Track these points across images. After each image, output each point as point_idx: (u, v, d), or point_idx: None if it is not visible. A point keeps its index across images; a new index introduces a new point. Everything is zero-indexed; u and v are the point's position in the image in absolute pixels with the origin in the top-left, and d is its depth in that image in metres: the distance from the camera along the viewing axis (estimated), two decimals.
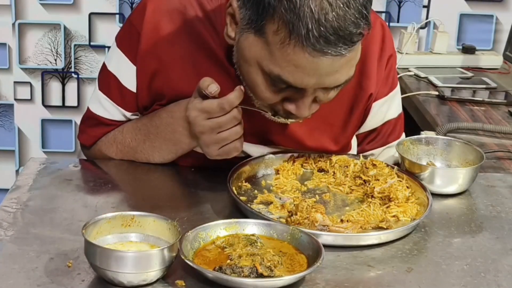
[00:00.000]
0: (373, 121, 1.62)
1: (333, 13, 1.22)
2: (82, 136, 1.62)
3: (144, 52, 1.50)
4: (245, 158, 1.50)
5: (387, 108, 1.62)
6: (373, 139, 1.64)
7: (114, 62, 1.55)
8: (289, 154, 1.53)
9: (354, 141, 1.64)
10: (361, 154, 1.53)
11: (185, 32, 1.49)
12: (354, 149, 1.63)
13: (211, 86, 1.34)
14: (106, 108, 1.57)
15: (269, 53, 1.27)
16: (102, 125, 1.58)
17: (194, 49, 1.49)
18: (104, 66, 1.57)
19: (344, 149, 1.60)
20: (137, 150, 1.53)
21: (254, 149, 1.53)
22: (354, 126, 1.60)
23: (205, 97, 1.36)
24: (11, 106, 3.04)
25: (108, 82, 1.56)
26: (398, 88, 1.65)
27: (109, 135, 1.57)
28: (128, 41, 1.52)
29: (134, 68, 1.52)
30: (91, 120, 1.60)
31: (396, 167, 1.47)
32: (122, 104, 1.55)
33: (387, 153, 1.63)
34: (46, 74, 3.03)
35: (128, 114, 1.56)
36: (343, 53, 1.25)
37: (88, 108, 1.61)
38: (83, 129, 1.62)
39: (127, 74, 1.53)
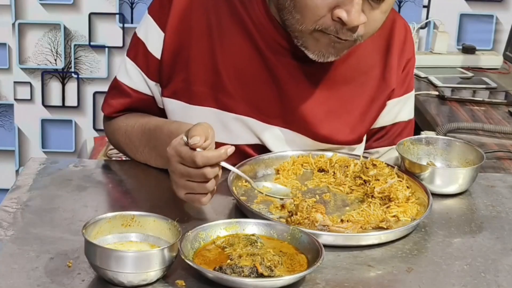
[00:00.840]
0: (384, 119, 1.64)
1: None
2: (104, 106, 1.64)
3: (174, 20, 1.53)
4: (247, 157, 1.51)
5: (399, 110, 1.64)
6: (381, 137, 1.66)
7: (143, 29, 1.58)
8: (289, 154, 1.53)
9: (364, 137, 1.65)
10: (361, 154, 1.53)
11: (217, 2, 1.53)
12: (363, 145, 1.65)
13: (195, 137, 1.27)
14: (131, 76, 1.58)
15: None
16: (124, 95, 1.59)
17: (224, 20, 1.52)
18: (134, 33, 1.60)
19: (358, 140, 1.61)
20: (138, 150, 1.54)
21: (259, 127, 1.55)
22: (372, 118, 1.61)
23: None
24: (11, 106, 3.04)
25: (136, 48, 1.58)
26: (413, 93, 1.67)
27: (124, 123, 1.59)
28: (159, 8, 1.56)
29: (162, 35, 1.54)
30: (114, 90, 1.62)
31: (396, 167, 1.47)
32: (146, 71, 1.56)
33: (391, 153, 1.64)
34: (46, 74, 3.03)
35: (152, 84, 1.57)
36: None
37: (115, 77, 1.63)
38: (106, 99, 1.64)
39: (154, 40, 1.55)
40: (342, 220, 1.31)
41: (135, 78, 1.58)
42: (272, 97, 1.54)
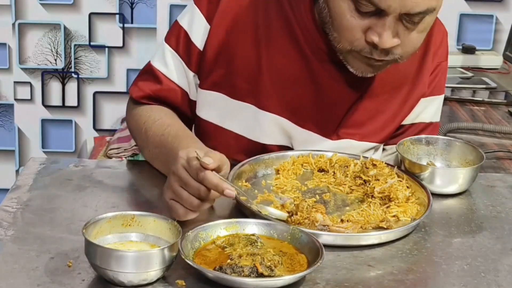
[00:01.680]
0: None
1: None
2: (133, 88, 1.62)
3: (222, 14, 1.54)
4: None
5: (421, 110, 1.64)
6: (398, 135, 1.64)
7: (187, 18, 1.57)
8: (289, 154, 1.53)
9: None
10: (361, 154, 1.53)
11: (267, 1, 1.53)
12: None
13: (208, 159, 1.25)
14: (167, 64, 1.58)
15: None
16: (155, 81, 1.59)
17: (272, 19, 1.53)
18: (175, 22, 1.60)
19: (384, 140, 1.62)
20: (148, 147, 1.53)
21: (292, 129, 1.56)
22: (401, 118, 1.62)
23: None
24: (11, 106, 3.04)
25: (177, 36, 1.58)
26: (440, 98, 1.67)
27: (147, 114, 1.57)
28: (207, 1, 1.56)
29: (208, 27, 1.55)
30: (146, 74, 1.61)
31: (396, 167, 1.47)
32: (187, 61, 1.57)
33: None
34: (46, 74, 3.03)
35: (190, 74, 1.57)
36: None
37: (149, 61, 1.62)
38: (136, 82, 1.63)
39: (198, 31, 1.56)
40: (342, 220, 1.31)
41: (171, 66, 1.58)
42: (309, 101, 1.55)
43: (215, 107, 1.57)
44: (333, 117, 1.57)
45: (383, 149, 1.67)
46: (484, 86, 2.50)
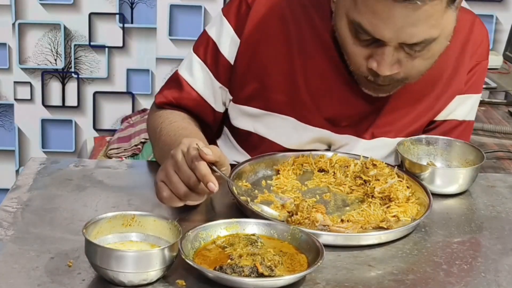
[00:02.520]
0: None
1: None
2: (157, 95, 1.64)
3: (251, 27, 1.54)
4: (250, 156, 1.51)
5: (455, 107, 1.62)
6: (429, 130, 1.64)
7: (216, 29, 1.58)
8: (290, 154, 1.53)
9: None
10: (361, 154, 1.53)
11: (294, 12, 1.53)
12: None
13: (208, 150, 1.26)
14: (193, 73, 1.58)
15: (354, 1, 1.36)
16: (178, 88, 1.59)
17: (303, 30, 1.53)
18: (204, 31, 1.61)
19: (416, 132, 1.62)
20: (158, 145, 1.54)
21: (331, 137, 1.58)
22: (435, 113, 1.62)
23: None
24: (11, 106, 3.05)
25: (206, 47, 1.58)
26: (477, 96, 1.66)
27: (166, 115, 1.57)
28: (236, 13, 1.56)
29: (238, 41, 1.55)
30: (172, 82, 1.62)
31: (396, 167, 1.47)
32: (215, 71, 1.57)
33: None
34: (46, 74, 3.03)
35: (217, 85, 1.58)
36: (418, 2, 1.29)
37: (176, 70, 1.63)
38: (162, 89, 1.64)
39: (227, 43, 1.56)
40: (342, 220, 1.31)
41: (197, 75, 1.58)
42: (345, 108, 1.55)
43: (251, 119, 1.59)
44: (367, 116, 1.57)
45: None
46: (484, 86, 2.49)
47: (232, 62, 1.56)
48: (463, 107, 1.63)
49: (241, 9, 1.55)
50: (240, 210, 1.35)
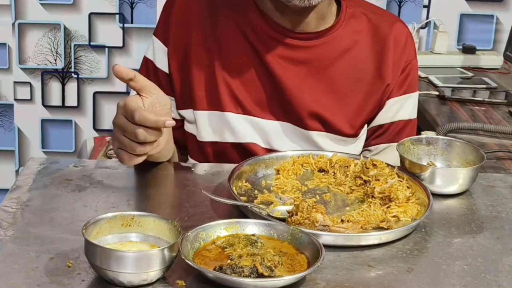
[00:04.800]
0: (382, 117, 1.69)
1: None
2: None
3: (174, 32, 1.63)
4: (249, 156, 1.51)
5: (398, 108, 1.68)
6: (380, 135, 1.70)
7: (151, 49, 1.68)
8: (290, 154, 1.53)
9: (363, 134, 1.70)
10: (361, 154, 1.53)
11: (211, 10, 1.62)
12: (362, 142, 1.70)
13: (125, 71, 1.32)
14: None
15: None
16: None
17: (219, 25, 1.61)
18: (144, 57, 1.69)
19: (354, 134, 1.67)
20: None
21: (261, 123, 1.63)
22: (369, 112, 1.67)
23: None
24: (11, 106, 3.04)
25: (146, 68, 1.68)
26: (415, 94, 1.72)
27: None
28: (162, 26, 1.66)
29: (166, 49, 1.64)
30: None
31: (396, 167, 1.47)
32: (159, 86, 1.60)
33: (391, 150, 1.65)
34: (46, 74, 3.03)
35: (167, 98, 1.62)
36: None
37: None
38: None
39: (161, 56, 1.65)
40: (342, 220, 1.31)
41: None
42: (271, 93, 1.61)
43: (191, 125, 1.66)
44: (296, 105, 1.62)
45: (368, 150, 1.71)
46: (484, 86, 2.50)
47: (167, 71, 1.65)
48: (406, 107, 1.70)
49: (165, 19, 1.65)
50: (240, 210, 1.35)
